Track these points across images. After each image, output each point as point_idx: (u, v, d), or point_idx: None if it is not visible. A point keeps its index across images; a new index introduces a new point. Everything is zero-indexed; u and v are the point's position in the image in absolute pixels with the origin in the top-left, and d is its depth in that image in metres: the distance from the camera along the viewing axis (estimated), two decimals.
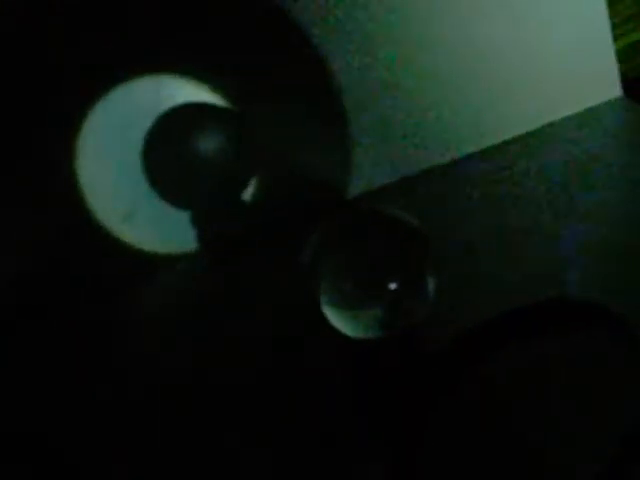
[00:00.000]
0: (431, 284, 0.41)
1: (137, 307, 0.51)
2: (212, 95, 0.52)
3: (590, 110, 0.58)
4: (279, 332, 0.45)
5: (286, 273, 0.45)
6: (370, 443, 0.37)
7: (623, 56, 0.58)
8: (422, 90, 0.55)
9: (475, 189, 0.53)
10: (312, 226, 0.42)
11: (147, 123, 0.51)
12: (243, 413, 0.41)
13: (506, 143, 0.57)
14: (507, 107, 0.57)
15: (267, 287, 0.49)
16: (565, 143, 0.55)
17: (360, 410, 0.39)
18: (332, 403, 0.40)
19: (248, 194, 0.54)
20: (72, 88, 0.50)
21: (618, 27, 0.57)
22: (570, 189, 0.51)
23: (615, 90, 0.58)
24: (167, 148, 0.52)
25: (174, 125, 0.51)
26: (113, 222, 0.52)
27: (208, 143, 0.52)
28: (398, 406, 0.38)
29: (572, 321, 0.40)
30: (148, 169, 0.52)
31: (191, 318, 0.48)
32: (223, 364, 0.44)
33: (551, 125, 0.58)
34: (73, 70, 0.49)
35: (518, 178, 0.53)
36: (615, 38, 0.57)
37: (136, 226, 0.53)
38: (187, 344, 0.46)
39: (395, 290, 0.40)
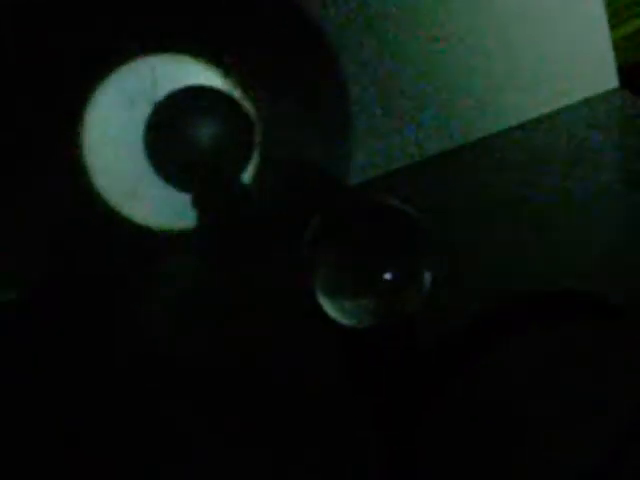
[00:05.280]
0: (428, 273, 0.41)
1: (135, 300, 0.51)
2: (214, 79, 0.51)
3: (586, 101, 0.57)
4: (278, 322, 0.45)
5: (285, 263, 0.45)
6: (367, 436, 0.37)
7: (620, 46, 0.58)
8: (421, 79, 0.55)
9: (474, 178, 0.53)
10: (311, 215, 0.42)
11: (149, 106, 0.51)
12: (240, 409, 0.41)
13: (502, 134, 0.57)
14: (502, 98, 0.56)
15: (266, 278, 0.49)
16: (561, 134, 0.55)
17: (357, 400, 0.39)
18: (329, 393, 0.40)
19: (246, 182, 0.54)
20: (76, 68, 0.49)
21: (614, 17, 0.57)
22: (567, 180, 0.51)
23: (611, 81, 0.58)
24: (167, 130, 0.52)
25: (175, 108, 0.51)
26: (117, 200, 0.52)
27: (208, 127, 0.52)
28: (395, 397, 0.38)
29: (572, 316, 0.40)
30: (150, 150, 0.52)
31: (191, 312, 0.48)
32: (221, 359, 0.44)
33: (547, 116, 0.57)
34: (76, 51, 0.49)
35: (514, 169, 0.53)
36: (611, 28, 0.57)
37: (139, 204, 0.53)
38: (186, 341, 0.46)
39: (391, 279, 0.39)
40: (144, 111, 0.51)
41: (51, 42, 0.48)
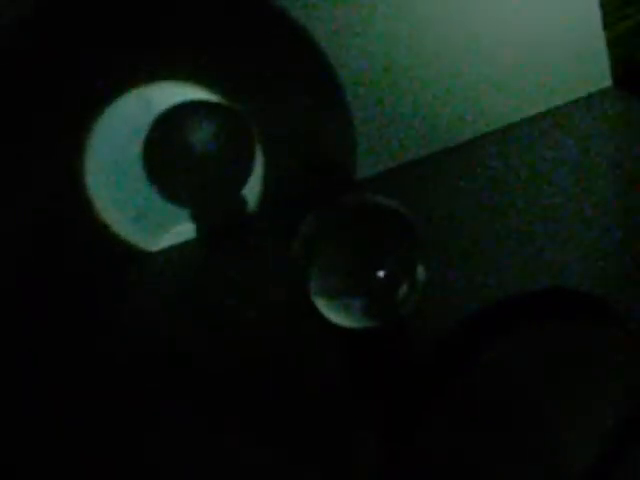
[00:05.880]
0: (422, 273, 0.41)
1: (130, 299, 0.50)
2: (208, 92, 0.52)
3: (580, 100, 0.58)
4: (274, 322, 0.45)
5: (284, 262, 0.45)
6: (367, 436, 0.37)
7: (613, 45, 0.58)
8: (416, 79, 0.54)
9: (468, 178, 0.53)
10: (309, 214, 0.42)
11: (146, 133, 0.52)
12: (238, 404, 0.41)
13: (496, 133, 0.57)
14: (497, 97, 0.56)
15: (264, 276, 0.49)
16: (554, 133, 0.55)
17: (357, 401, 0.39)
18: (328, 393, 0.40)
19: (252, 184, 0.54)
20: (80, 96, 0.50)
21: (608, 15, 0.57)
22: (560, 179, 0.51)
23: (605, 80, 0.58)
24: (166, 147, 0.52)
25: (171, 124, 0.52)
26: (123, 229, 0.53)
27: (205, 139, 0.52)
28: (395, 397, 0.38)
29: (568, 314, 0.40)
30: (150, 170, 0.52)
31: (190, 312, 0.48)
32: (219, 360, 0.44)
33: (540, 115, 0.57)
34: (82, 77, 0.50)
35: (509, 168, 0.53)
36: (605, 27, 0.57)
37: (144, 228, 0.53)
38: (185, 341, 0.46)
39: (385, 279, 0.39)
40: (142, 138, 0.52)
41: (56, 74, 0.49)
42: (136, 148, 0.51)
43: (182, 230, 0.54)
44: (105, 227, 0.52)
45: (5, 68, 0.48)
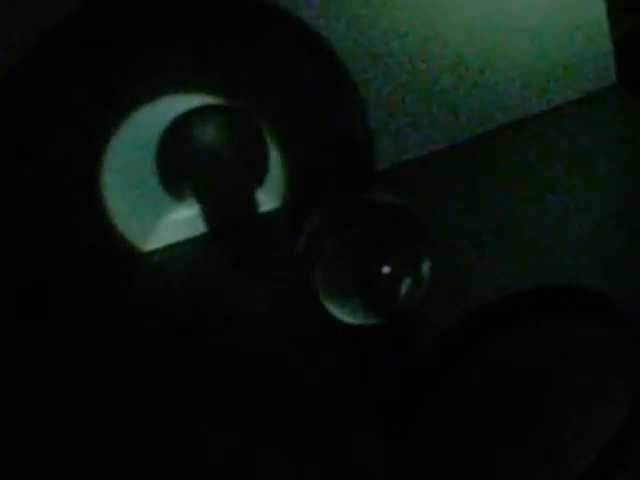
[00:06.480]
0: (427, 268, 0.41)
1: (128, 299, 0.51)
2: (215, 94, 0.52)
3: (584, 97, 0.58)
4: (275, 321, 0.45)
5: (288, 260, 0.45)
6: (367, 437, 0.37)
7: (618, 43, 0.58)
8: (426, 77, 0.55)
9: (471, 176, 0.53)
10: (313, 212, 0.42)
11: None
12: (238, 404, 0.41)
13: (498, 130, 0.57)
14: (503, 95, 0.56)
15: (268, 275, 0.49)
16: (560, 130, 0.55)
17: (355, 400, 0.39)
18: (327, 393, 0.40)
19: (268, 183, 0.54)
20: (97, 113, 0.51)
21: (614, 14, 0.57)
22: (564, 176, 0.51)
23: (610, 78, 0.58)
24: (178, 152, 0.53)
25: (182, 130, 0.53)
26: (128, 224, 0.53)
27: (215, 142, 0.53)
28: (393, 397, 0.38)
29: (569, 313, 0.40)
30: (162, 172, 0.53)
31: (191, 312, 0.48)
32: (220, 356, 0.44)
33: (545, 112, 0.57)
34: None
35: (513, 165, 0.53)
36: (611, 25, 0.57)
37: (152, 227, 0.54)
38: (187, 342, 0.46)
39: (388, 276, 0.39)
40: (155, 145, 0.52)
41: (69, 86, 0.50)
42: (150, 155, 0.52)
43: (185, 219, 0.54)
44: (106, 228, 0.52)
45: (23, 74, 0.49)
